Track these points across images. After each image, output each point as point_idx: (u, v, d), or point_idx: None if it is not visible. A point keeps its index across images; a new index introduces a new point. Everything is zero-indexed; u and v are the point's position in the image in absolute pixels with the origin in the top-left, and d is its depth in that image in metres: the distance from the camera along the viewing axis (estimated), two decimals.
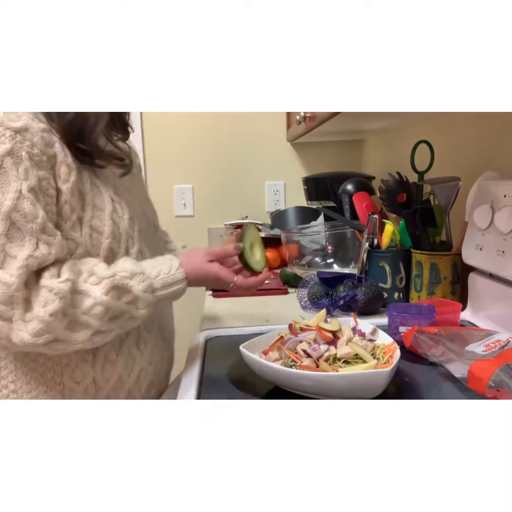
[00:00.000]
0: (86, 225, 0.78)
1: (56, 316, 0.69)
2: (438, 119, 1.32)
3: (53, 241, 0.72)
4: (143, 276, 0.77)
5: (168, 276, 0.80)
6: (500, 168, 0.99)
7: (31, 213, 0.69)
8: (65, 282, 0.70)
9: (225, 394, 0.73)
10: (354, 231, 1.33)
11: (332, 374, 0.66)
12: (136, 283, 0.75)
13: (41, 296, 0.69)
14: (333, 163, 2.08)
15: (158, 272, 0.79)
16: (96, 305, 0.72)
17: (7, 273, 0.68)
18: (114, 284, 0.73)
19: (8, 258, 0.68)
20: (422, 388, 0.73)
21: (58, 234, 0.73)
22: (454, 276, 1.03)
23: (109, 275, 0.74)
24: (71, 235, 0.77)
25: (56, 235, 0.72)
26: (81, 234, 0.77)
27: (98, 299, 0.72)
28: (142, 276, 0.77)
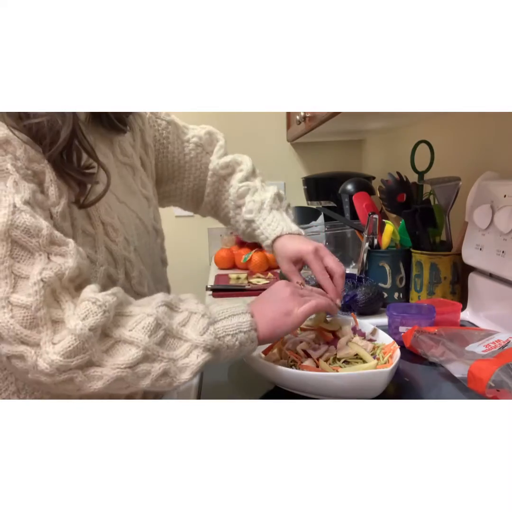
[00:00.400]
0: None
1: (96, 331, 0.59)
2: (438, 119, 1.32)
3: (67, 250, 0.63)
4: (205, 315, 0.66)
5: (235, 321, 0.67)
6: (500, 168, 0.99)
7: (33, 226, 0.60)
8: (112, 296, 0.62)
9: (225, 394, 0.73)
10: (354, 231, 1.33)
11: (332, 374, 0.66)
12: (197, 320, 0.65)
13: (82, 309, 0.60)
14: (333, 163, 2.09)
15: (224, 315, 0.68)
16: (146, 317, 0.63)
17: (23, 295, 0.59)
18: (167, 301, 0.66)
19: (19, 280, 0.60)
20: (422, 388, 0.73)
21: (70, 241, 0.64)
22: (454, 276, 1.03)
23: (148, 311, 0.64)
24: None
25: (68, 244, 0.64)
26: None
27: (149, 312, 0.63)
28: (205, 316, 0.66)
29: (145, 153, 0.95)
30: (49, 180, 0.66)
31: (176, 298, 0.68)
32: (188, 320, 0.66)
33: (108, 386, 0.61)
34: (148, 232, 0.91)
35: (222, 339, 0.65)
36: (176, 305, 0.67)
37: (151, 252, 0.93)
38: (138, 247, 0.85)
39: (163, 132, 0.99)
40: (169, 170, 1.01)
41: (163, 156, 0.99)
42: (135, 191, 0.90)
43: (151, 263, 0.92)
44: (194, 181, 1.02)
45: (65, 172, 0.68)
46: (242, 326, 0.66)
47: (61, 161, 0.67)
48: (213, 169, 1.00)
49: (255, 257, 1.63)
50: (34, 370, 0.60)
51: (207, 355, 0.64)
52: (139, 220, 0.88)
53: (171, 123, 1.01)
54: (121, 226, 0.80)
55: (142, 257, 0.87)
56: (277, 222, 0.90)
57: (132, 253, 0.81)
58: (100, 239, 0.73)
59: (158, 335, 0.62)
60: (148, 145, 0.96)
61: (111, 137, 0.87)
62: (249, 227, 0.95)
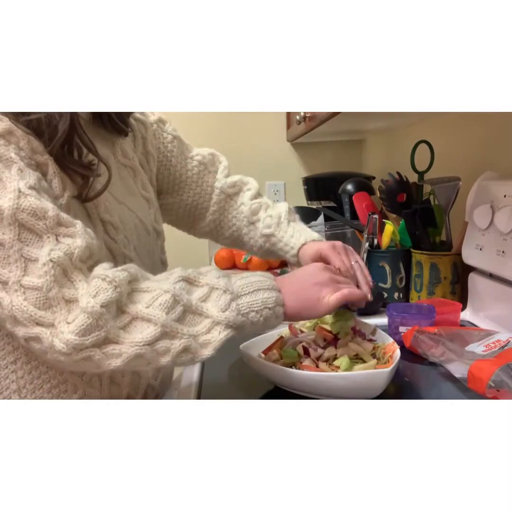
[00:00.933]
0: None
1: (109, 308, 0.59)
2: (438, 119, 1.32)
3: (75, 231, 0.64)
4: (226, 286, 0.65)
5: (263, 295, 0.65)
6: (500, 168, 0.99)
7: (39, 208, 0.61)
8: (122, 271, 0.62)
9: (225, 394, 0.73)
10: (354, 231, 1.33)
11: (332, 374, 0.66)
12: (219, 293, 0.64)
13: (92, 286, 0.60)
14: (333, 163, 2.08)
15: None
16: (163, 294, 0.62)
17: (34, 277, 0.60)
18: (184, 276, 0.65)
19: (29, 262, 0.61)
20: (422, 388, 0.73)
21: (78, 222, 0.65)
22: (454, 276, 1.03)
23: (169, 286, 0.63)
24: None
25: (75, 224, 0.64)
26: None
27: (169, 286, 0.62)
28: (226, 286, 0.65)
29: (145, 161, 0.96)
30: (52, 172, 0.66)
31: (195, 272, 0.67)
32: (209, 295, 0.64)
33: (127, 363, 0.60)
34: (148, 233, 0.91)
35: (246, 315, 0.63)
36: (195, 279, 0.66)
37: (151, 253, 0.93)
38: (138, 246, 0.86)
39: (168, 145, 1.00)
40: (170, 183, 1.01)
41: (165, 168, 1.00)
42: (135, 192, 0.90)
43: (150, 264, 0.92)
44: (193, 197, 1.02)
45: (67, 166, 0.68)
46: (268, 302, 0.64)
47: (63, 155, 0.68)
48: (221, 187, 1.01)
49: (255, 257, 1.63)
50: (51, 350, 0.60)
51: (230, 331, 0.63)
52: (139, 221, 0.88)
53: (177, 138, 1.02)
54: (121, 224, 0.80)
55: (141, 257, 0.87)
56: (299, 233, 0.92)
57: (132, 252, 0.81)
58: (99, 237, 0.73)
59: (177, 311, 0.61)
60: (149, 153, 0.97)
61: (113, 139, 0.88)
62: (268, 241, 0.96)
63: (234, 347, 0.76)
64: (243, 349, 0.74)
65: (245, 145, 2.05)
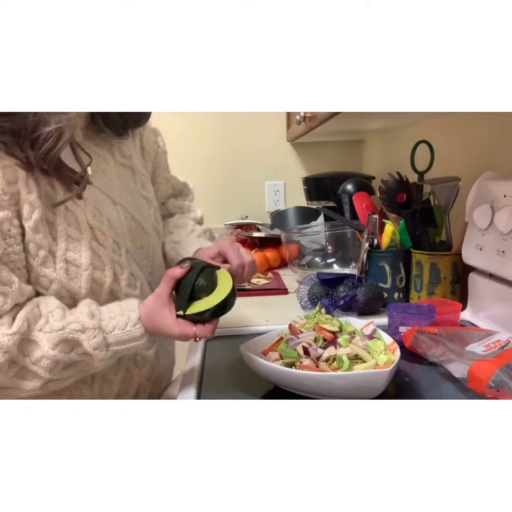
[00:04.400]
0: (60, 259, 0.74)
1: (1, 368, 0.69)
2: (438, 119, 1.32)
3: (9, 291, 0.70)
4: (95, 331, 0.71)
5: (123, 332, 0.73)
6: (500, 168, 0.99)
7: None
8: (12, 335, 0.68)
9: (225, 394, 0.73)
10: (354, 231, 1.33)
11: (332, 374, 0.66)
12: (87, 337, 0.71)
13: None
14: (333, 163, 2.09)
15: (114, 326, 0.73)
16: (44, 358, 0.70)
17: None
18: (63, 338, 0.71)
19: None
20: (422, 388, 0.73)
21: (15, 281, 0.70)
22: (454, 276, 1.03)
23: (58, 327, 0.71)
24: (42, 272, 0.74)
25: (12, 283, 0.70)
26: (54, 269, 0.74)
27: (46, 353, 0.70)
28: (94, 332, 0.71)
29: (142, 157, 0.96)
30: (23, 199, 0.71)
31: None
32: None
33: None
34: (147, 233, 0.91)
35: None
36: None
37: (152, 253, 0.93)
38: (132, 249, 0.86)
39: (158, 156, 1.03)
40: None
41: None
42: (134, 192, 0.91)
43: (148, 264, 0.92)
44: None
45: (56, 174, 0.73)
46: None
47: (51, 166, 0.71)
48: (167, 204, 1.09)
49: (255, 257, 1.62)
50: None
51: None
52: (135, 222, 0.89)
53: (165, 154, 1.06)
54: (111, 229, 0.81)
55: (137, 259, 0.87)
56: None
57: (123, 256, 0.82)
58: (87, 244, 0.76)
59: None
60: (145, 150, 0.98)
61: (111, 141, 0.88)
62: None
63: (234, 347, 0.76)
64: (243, 349, 0.74)
65: (245, 145, 2.05)
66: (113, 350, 0.73)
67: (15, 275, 0.72)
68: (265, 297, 1.30)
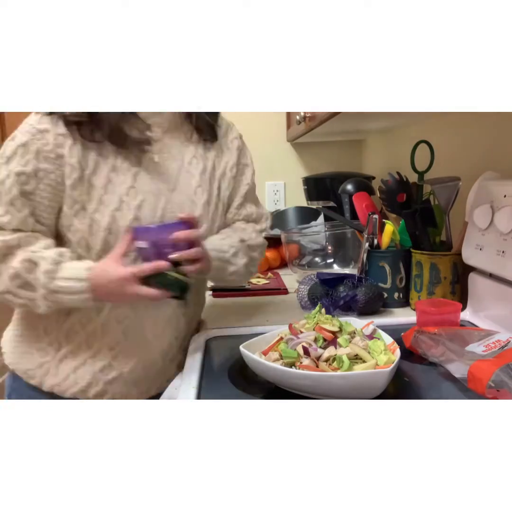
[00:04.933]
0: (88, 216, 0.85)
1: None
2: (438, 119, 1.32)
3: (16, 215, 0.82)
4: (54, 261, 0.82)
5: (71, 268, 0.83)
6: (500, 168, 0.99)
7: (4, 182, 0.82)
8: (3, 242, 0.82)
9: (225, 394, 0.73)
10: (354, 231, 1.33)
11: (332, 374, 0.66)
12: (45, 263, 0.82)
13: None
14: (333, 163, 2.08)
15: (69, 265, 0.83)
16: (11, 267, 0.82)
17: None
18: (30, 257, 0.82)
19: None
20: (422, 388, 0.73)
21: (26, 212, 0.83)
22: (454, 276, 1.03)
23: (33, 250, 0.83)
24: (74, 222, 0.86)
25: (23, 211, 0.82)
26: (81, 222, 0.86)
27: (14, 264, 0.82)
28: (55, 261, 0.82)
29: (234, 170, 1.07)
30: (66, 162, 0.84)
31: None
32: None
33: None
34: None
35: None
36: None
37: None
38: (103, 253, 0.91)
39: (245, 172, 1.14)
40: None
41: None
42: (191, 197, 0.94)
43: None
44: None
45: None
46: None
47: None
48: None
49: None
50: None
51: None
52: (165, 204, 0.92)
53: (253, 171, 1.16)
54: (138, 209, 0.88)
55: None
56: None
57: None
58: (111, 211, 0.86)
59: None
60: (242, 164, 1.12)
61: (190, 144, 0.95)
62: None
63: (234, 347, 0.76)
64: (243, 349, 0.74)
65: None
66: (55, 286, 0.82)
67: (29, 210, 0.84)
68: (265, 297, 1.30)
